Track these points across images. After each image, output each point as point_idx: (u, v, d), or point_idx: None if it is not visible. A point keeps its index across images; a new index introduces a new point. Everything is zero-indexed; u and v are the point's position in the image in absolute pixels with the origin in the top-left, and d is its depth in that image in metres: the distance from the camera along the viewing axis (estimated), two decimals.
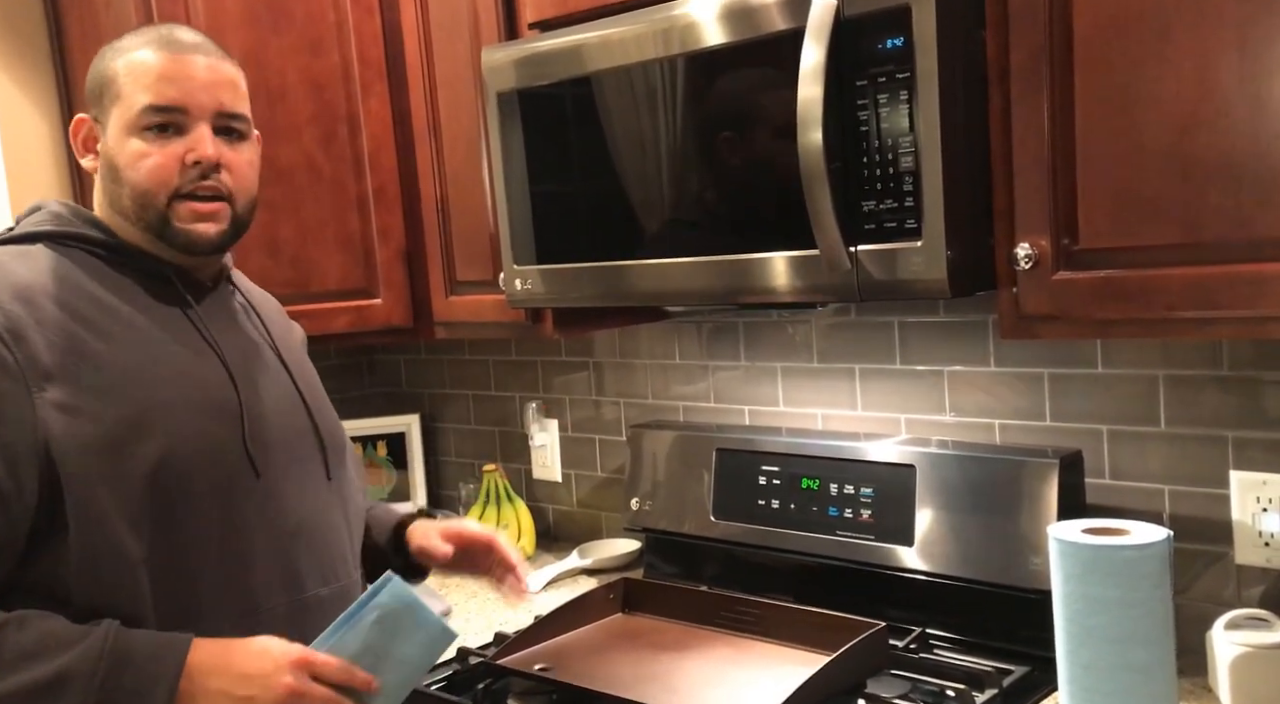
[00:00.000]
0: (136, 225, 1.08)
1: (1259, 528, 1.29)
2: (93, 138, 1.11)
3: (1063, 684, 1.00)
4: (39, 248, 1.06)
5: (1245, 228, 1.01)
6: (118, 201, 1.08)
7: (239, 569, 1.04)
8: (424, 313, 1.82)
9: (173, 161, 1.06)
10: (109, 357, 1.00)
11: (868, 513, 1.54)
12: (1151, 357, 1.37)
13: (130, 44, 1.09)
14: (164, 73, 1.06)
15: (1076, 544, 0.97)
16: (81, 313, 1.01)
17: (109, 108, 1.08)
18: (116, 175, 1.07)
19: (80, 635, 0.91)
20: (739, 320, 1.80)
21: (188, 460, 1.01)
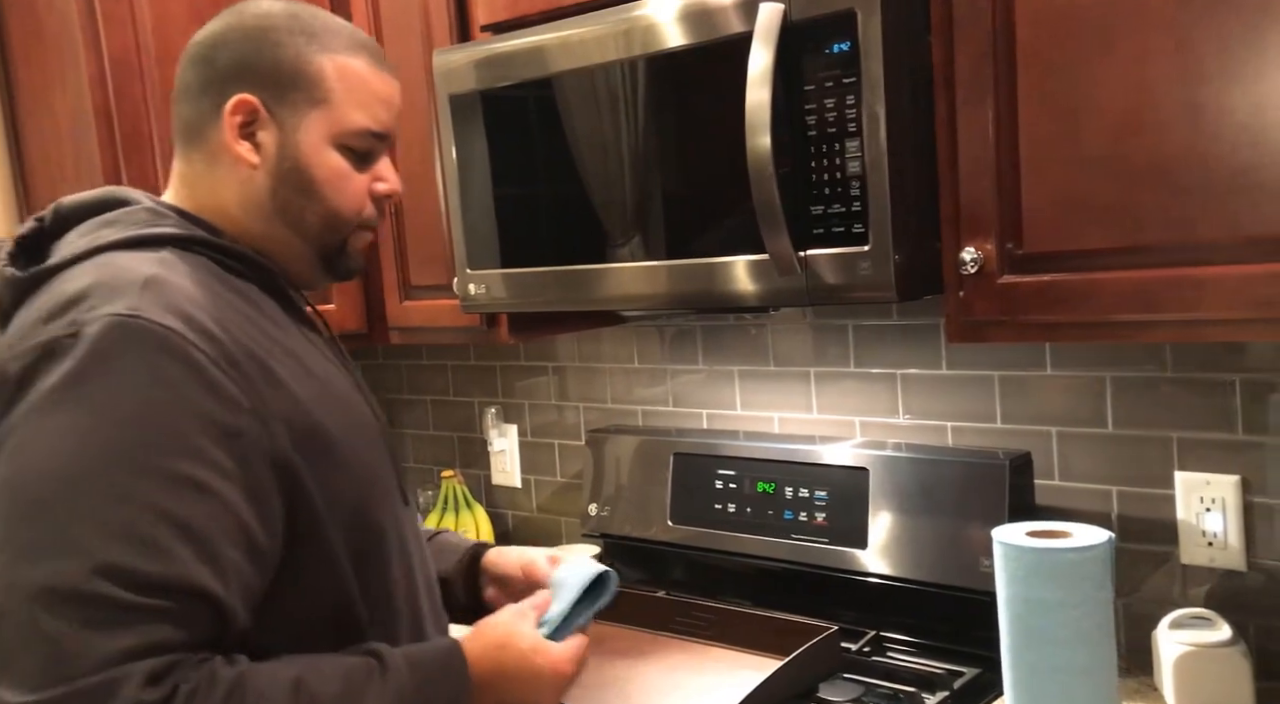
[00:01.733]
0: (305, 243, 0.97)
1: (1203, 528, 1.30)
2: (257, 127, 0.94)
3: (1007, 686, 1.00)
4: (169, 254, 0.90)
5: (1183, 231, 1.02)
6: (290, 211, 0.95)
7: (414, 605, 0.99)
8: (378, 317, 1.80)
9: (366, 188, 0.98)
10: (293, 386, 0.89)
11: (822, 516, 1.54)
12: (1099, 359, 1.38)
13: (333, 41, 0.96)
14: (381, 94, 0.98)
15: (1019, 547, 0.97)
16: (252, 335, 0.88)
17: (303, 106, 0.94)
18: (307, 186, 0.95)
19: (369, 670, 0.85)
20: (697, 324, 1.80)
21: (372, 494, 0.94)
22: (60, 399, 0.79)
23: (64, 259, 0.89)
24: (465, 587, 1.15)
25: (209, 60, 0.95)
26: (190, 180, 0.97)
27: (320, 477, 0.88)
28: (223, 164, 0.95)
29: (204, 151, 0.96)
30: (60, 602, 0.74)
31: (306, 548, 0.87)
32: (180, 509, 0.78)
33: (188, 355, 0.81)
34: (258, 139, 0.94)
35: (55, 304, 0.84)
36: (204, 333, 0.84)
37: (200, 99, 0.95)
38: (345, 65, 0.95)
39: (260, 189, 0.95)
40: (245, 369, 0.85)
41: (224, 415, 0.82)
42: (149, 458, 0.78)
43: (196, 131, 0.96)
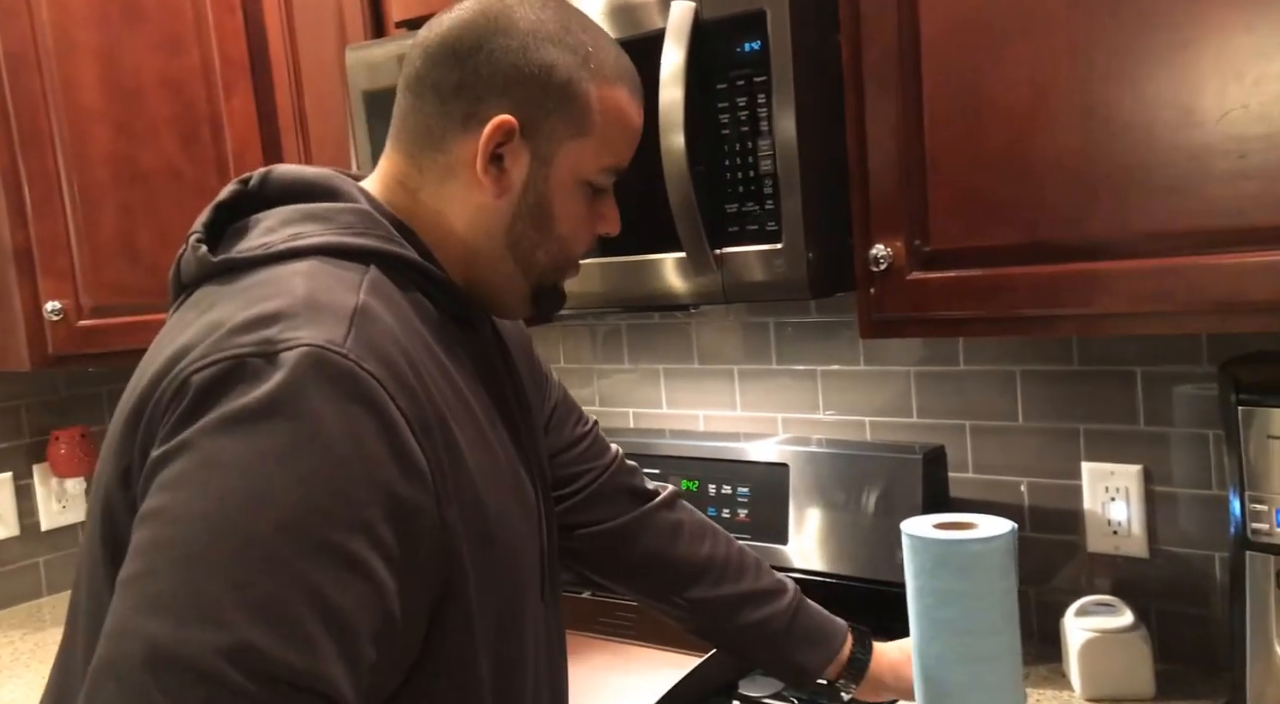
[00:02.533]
0: (527, 279, 0.85)
1: (1108, 517, 1.34)
2: (507, 150, 0.81)
3: (916, 676, 1.02)
4: (375, 274, 0.76)
5: (1079, 228, 1.05)
6: (523, 246, 0.84)
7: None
8: None
9: (594, 228, 0.88)
10: (470, 456, 0.76)
11: (744, 512, 1.55)
12: (1009, 353, 1.41)
13: (604, 65, 0.83)
14: (637, 130, 0.87)
15: (924, 538, 0.99)
16: (444, 391, 0.76)
17: (562, 135, 0.82)
18: (546, 223, 0.83)
19: None
20: (623, 323, 1.80)
21: (518, 587, 0.81)
22: (236, 431, 0.66)
23: (259, 254, 0.76)
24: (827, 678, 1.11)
25: (468, 63, 0.81)
26: (413, 186, 0.84)
27: (479, 570, 0.76)
28: (457, 181, 0.82)
29: (439, 162, 0.83)
30: (175, 673, 0.61)
31: (452, 648, 0.75)
32: (334, 593, 0.64)
33: (385, 412, 0.68)
34: (505, 164, 0.82)
35: (251, 315, 0.70)
36: (404, 387, 0.71)
37: (450, 102, 0.81)
38: (611, 96, 0.84)
39: (497, 221, 0.83)
40: (435, 437, 0.72)
41: (404, 489, 0.69)
42: (315, 525, 0.65)
43: (434, 137, 0.83)
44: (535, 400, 0.99)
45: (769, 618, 1.10)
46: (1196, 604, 1.30)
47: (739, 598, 1.10)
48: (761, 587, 1.12)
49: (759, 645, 1.11)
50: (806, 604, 1.14)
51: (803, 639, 1.11)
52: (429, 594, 0.72)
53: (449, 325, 0.82)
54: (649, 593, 1.12)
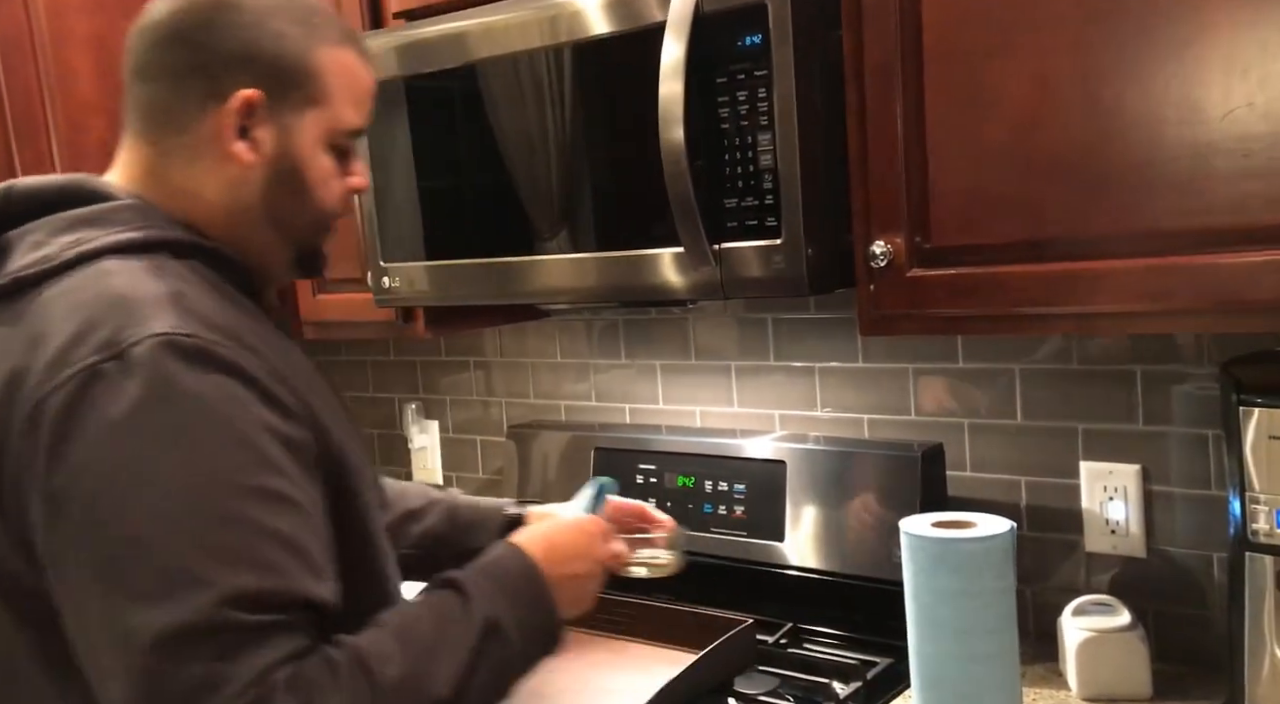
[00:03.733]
0: (288, 244, 0.92)
1: (1106, 516, 1.33)
2: (254, 123, 0.86)
3: (914, 675, 1.01)
4: (167, 261, 0.84)
5: (1080, 226, 1.04)
6: (281, 212, 0.90)
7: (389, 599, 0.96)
8: (291, 312, 1.76)
9: (345, 187, 0.94)
10: (308, 397, 0.85)
11: (741, 509, 1.55)
12: (1008, 351, 1.41)
13: (329, 32, 0.90)
14: (369, 89, 0.93)
15: (924, 537, 0.98)
16: (265, 343, 0.84)
17: (301, 105, 0.88)
18: (300, 187, 0.89)
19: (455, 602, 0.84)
20: (619, 318, 1.79)
21: (372, 499, 0.92)
22: (129, 430, 0.73)
23: (47, 268, 0.81)
24: None
25: (197, 43, 0.86)
26: (162, 172, 0.88)
27: (346, 483, 0.86)
28: (207, 158, 0.87)
29: (181, 142, 0.87)
30: (191, 642, 0.70)
31: (351, 548, 0.85)
32: (280, 524, 0.75)
33: (241, 369, 0.77)
34: (254, 136, 0.87)
35: (77, 326, 0.76)
36: (246, 348, 0.79)
37: (183, 83, 0.86)
38: (340, 59, 0.89)
39: (252, 189, 0.88)
40: (280, 377, 0.81)
41: (283, 426, 0.79)
42: (239, 477, 0.75)
43: (174, 118, 0.87)
44: None
45: (434, 523, 1.21)
46: (1194, 604, 1.30)
47: (405, 517, 1.21)
48: (419, 503, 1.23)
49: (438, 549, 1.19)
50: (459, 499, 1.26)
51: (467, 528, 1.21)
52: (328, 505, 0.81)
53: (242, 298, 0.88)
54: None
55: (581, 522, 0.99)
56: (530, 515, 1.25)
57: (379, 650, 0.78)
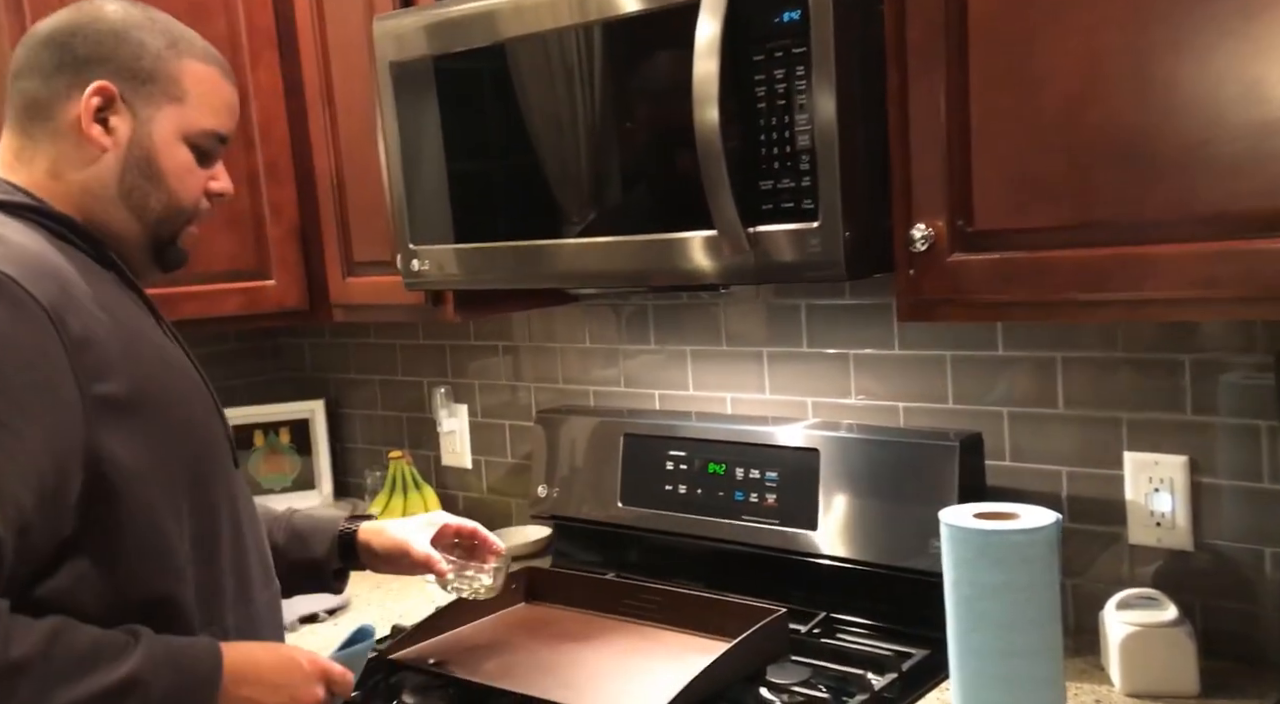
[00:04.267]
0: (143, 228, 1.01)
1: (1151, 508, 1.30)
2: (111, 112, 0.99)
3: (953, 669, 0.99)
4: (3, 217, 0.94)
5: (1133, 208, 1.00)
6: (135, 196, 1.00)
7: (240, 563, 1.03)
8: (320, 295, 1.75)
9: (204, 184, 1.05)
10: (121, 344, 0.92)
11: (773, 497, 1.52)
12: (1050, 339, 1.37)
13: (191, 48, 1.03)
14: (229, 103, 1.06)
15: (966, 529, 0.96)
16: (82, 290, 0.91)
17: (159, 100, 1.00)
18: (154, 174, 1.00)
19: (125, 642, 0.87)
20: (650, 303, 1.76)
21: (202, 455, 0.99)
22: None
23: None
24: (342, 565, 1.26)
25: (66, 45, 0.99)
26: (26, 156, 0.99)
27: (144, 437, 0.91)
28: (67, 141, 0.98)
29: (48, 129, 0.99)
30: None
31: (118, 501, 0.89)
32: None
33: (20, 301, 0.84)
34: (110, 124, 0.98)
35: None
36: (39, 284, 0.86)
37: (53, 77, 0.98)
38: (200, 70, 1.02)
39: (107, 171, 0.99)
40: (77, 326, 0.87)
41: (45, 364, 0.85)
42: None
43: (42, 109, 0.99)
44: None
45: (274, 535, 1.22)
46: (1244, 600, 1.26)
47: None
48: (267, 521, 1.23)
49: (276, 560, 1.18)
50: (300, 514, 1.29)
51: (305, 540, 1.25)
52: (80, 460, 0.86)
53: (87, 262, 0.95)
54: None
55: (304, 657, 0.98)
56: (364, 530, 1.28)
57: (21, 632, 0.81)
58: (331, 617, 1.63)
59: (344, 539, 1.26)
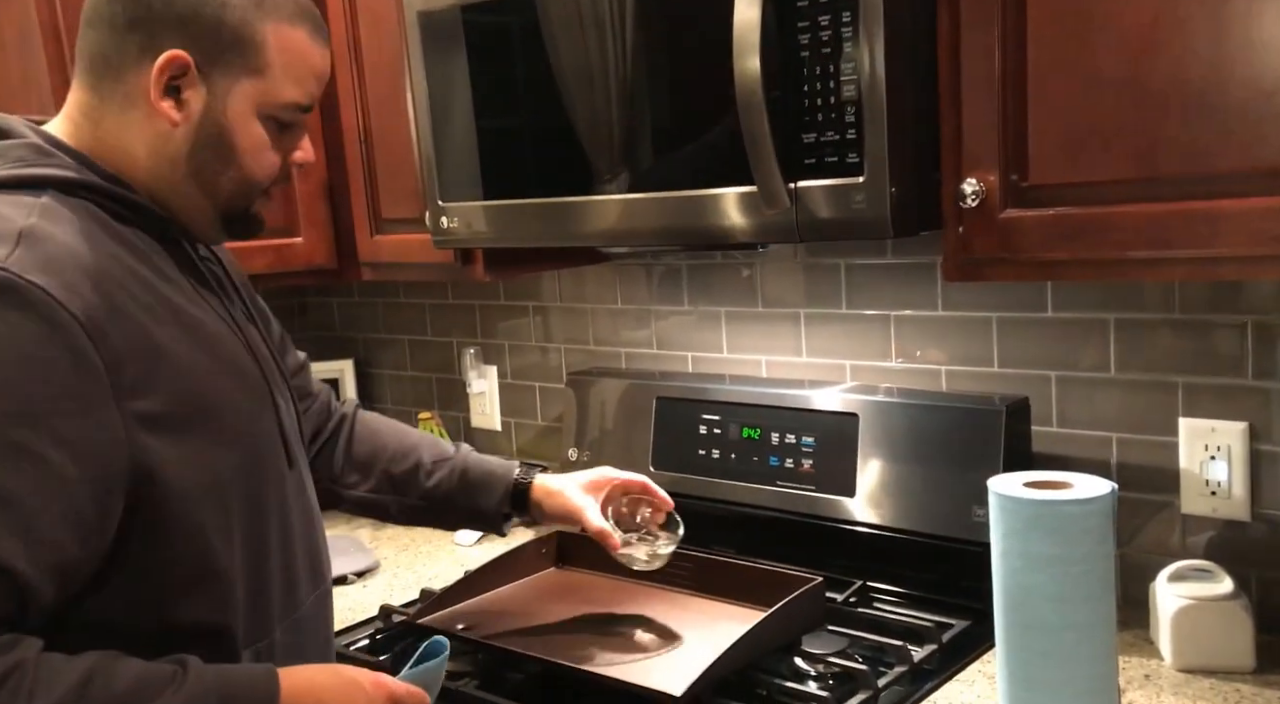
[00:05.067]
0: (213, 204, 0.93)
1: (1206, 476, 1.24)
2: (185, 83, 0.89)
3: (1000, 643, 0.95)
4: (50, 200, 0.85)
5: (1202, 161, 0.95)
6: (205, 173, 0.91)
7: (288, 569, 0.97)
8: (349, 253, 1.72)
9: (281, 159, 0.95)
10: (171, 348, 0.85)
11: (809, 463, 1.48)
12: (1102, 299, 1.31)
13: (279, 8, 0.91)
14: (317, 69, 0.94)
15: (1017, 499, 0.91)
16: (131, 291, 0.84)
17: (237, 72, 0.90)
18: (227, 152, 0.91)
19: (170, 675, 0.80)
20: (683, 263, 1.72)
21: (254, 461, 0.92)
22: None
23: None
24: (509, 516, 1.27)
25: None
26: (96, 116, 0.91)
27: (191, 453, 0.85)
28: (138, 108, 0.89)
29: (118, 91, 0.89)
30: None
31: (164, 522, 0.84)
32: (7, 480, 0.75)
33: (54, 316, 0.77)
34: (183, 96, 0.89)
35: None
36: (77, 294, 0.79)
37: (125, 35, 0.88)
38: (288, 36, 0.91)
39: (177, 146, 0.90)
40: (118, 338, 0.80)
41: (80, 385, 0.78)
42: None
43: (112, 67, 0.89)
44: (262, 321, 1.08)
45: (444, 479, 1.25)
46: None
47: (414, 469, 1.25)
48: (432, 458, 1.26)
49: (445, 505, 1.25)
50: (474, 458, 1.28)
51: (474, 488, 1.25)
52: (124, 480, 0.80)
53: (145, 241, 0.89)
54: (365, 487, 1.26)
55: (368, 680, 0.90)
56: (536, 488, 1.26)
57: (53, 677, 0.75)
58: (360, 579, 1.63)
59: (516, 491, 1.25)
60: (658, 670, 1.16)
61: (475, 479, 1.25)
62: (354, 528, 1.87)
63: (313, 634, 1.01)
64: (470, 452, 1.30)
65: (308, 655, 0.97)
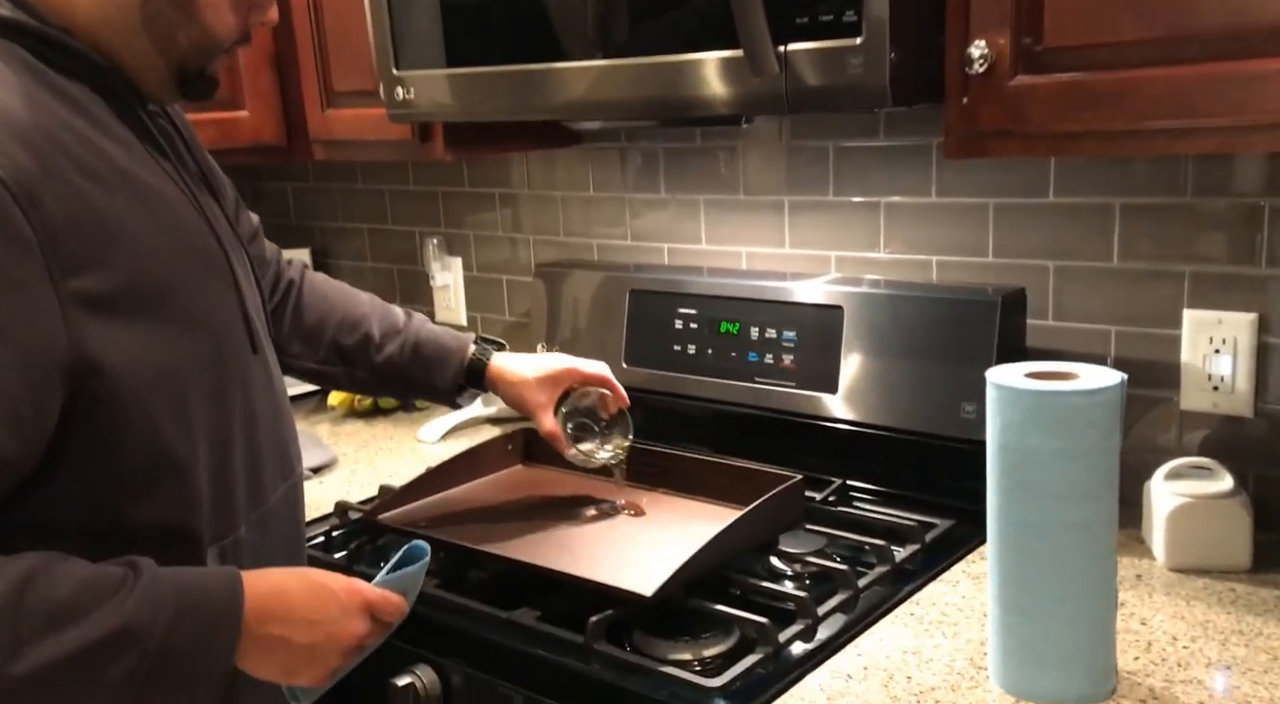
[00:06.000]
0: (166, 61, 0.83)
1: (1209, 370, 1.18)
2: None
3: (992, 542, 0.89)
4: None
5: (1238, 17, 0.85)
6: (159, 25, 0.82)
7: (253, 461, 0.89)
8: (298, 129, 1.60)
9: (243, 14, 0.87)
10: (119, 219, 0.75)
11: (789, 358, 1.41)
12: (1108, 182, 1.23)
13: None
14: None
15: (1018, 390, 0.84)
16: (70, 152, 0.74)
17: None
18: (187, 4, 0.82)
19: (117, 581, 0.72)
20: (660, 147, 1.61)
21: (215, 347, 0.83)
22: None
23: None
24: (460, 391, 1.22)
25: None
26: None
27: (141, 339, 0.76)
28: None
29: None
30: None
31: (112, 415, 0.75)
32: None
33: None
34: None
35: None
36: (3, 154, 0.69)
37: None
38: None
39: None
40: (54, 207, 0.71)
41: (7, 261, 0.69)
42: None
43: None
44: (216, 184, 0.98)
45: (395, 353, 1.19)
46: None
47: (364, 341, 1.19)
48: (385, 328, 1.20)
49: (396, 380, 1.20)
50: (426, 331, 1.22)
51: (426, 364, 1.20)
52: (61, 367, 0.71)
53: (85, 94, 0.79)
54: (313, 358, 1.19)
55: (340, 586, 0.83)
56: (493, 368, 1.21)
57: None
58: (316, 475, 1.55)
59: (472, 368, 1.21)
60: (628, 569, 1.10)
61: (428, 354, 1.20)
62: (312, 424, 1.79)
63: (281, 531, 0.93)
64: (423, 323, 1.23)
65: (275, 555, 0.90)
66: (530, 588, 1.12)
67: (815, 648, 1.01)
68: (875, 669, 0.96)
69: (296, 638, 0.79)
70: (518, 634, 1.06)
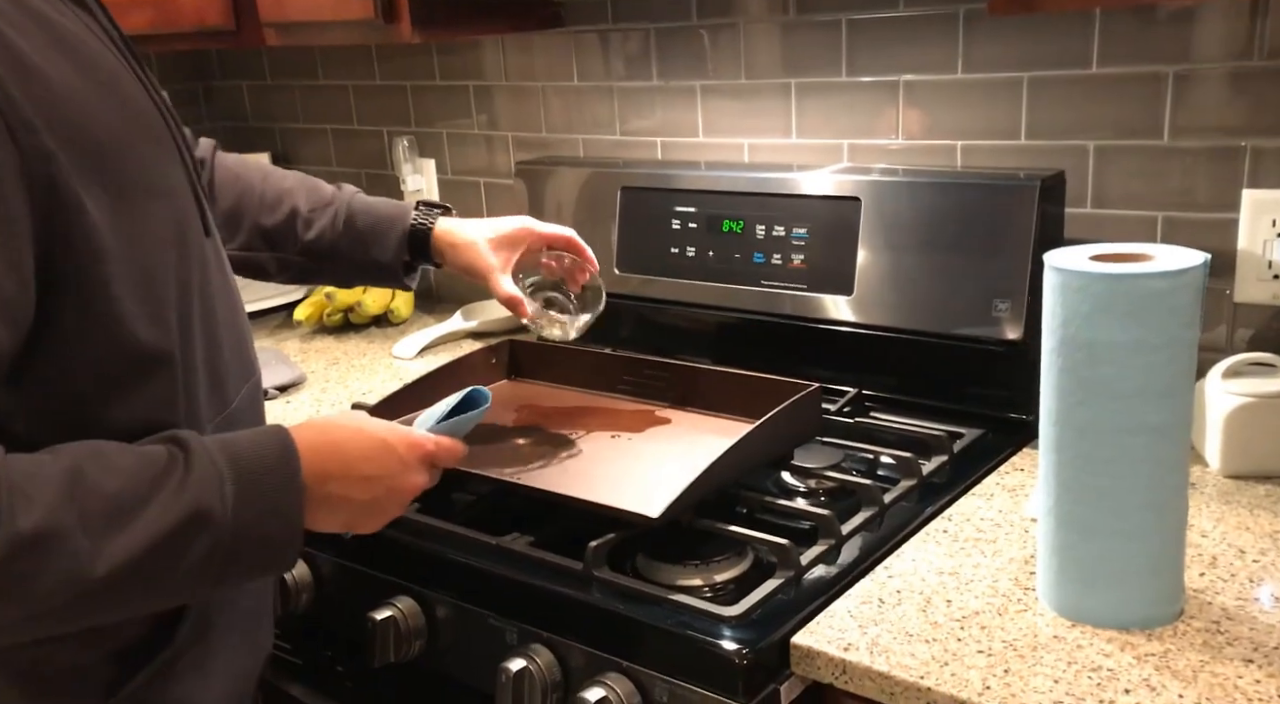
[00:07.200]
0: None
1: (1270, 257, 1.07)
2: None
3: (1046, 450, 0.79)
4: None
5: None
6: None
7: (215, 360, 0.79)
8: (248, 9, 1.43)
9: None
10: (45, 71, 0.65)
11: (800, 258, 1.28)
12: (1160, 48, 1.09)
13: None
14: None
15: (1087, 274, 0.73)
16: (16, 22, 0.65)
17: None
18: None
19: (166, 464, 0.66)
20: (650, 27, 1.45)
21: (168, 225, 0.73)
22: None
23: None
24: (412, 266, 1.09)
25: None
26: None
27: (100, 200, 0.66)
28: None
29: None
30: None
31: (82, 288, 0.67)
32: None
33: None
34: None
35: None
36: None
37: None
38: None
39: None
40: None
41: None
42: None
43: None
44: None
45: (326, 229, 1.07)
46: None
47: (290, 218, 1.07)
48: (312, 203, 1.08)
49: (331, 259, 1.07)
50: (359, 201, 1.09)
51: (366, 242, 1.07)
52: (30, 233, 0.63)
53: None
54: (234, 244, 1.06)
55: (399, 440, 0.78)
56: (439, 235, 1.08)
57: (26, 482, 0.60)
58: (283, 394, 1.43)
59: (415, 238, 1.07)
60: (630, 490, 0.99)
61: (364, 226, 1.07)
62: (279, 340, 1.66)
63: None
64: (356, 194, 1.11)
65: None
66: (521, 512, 1.02)
67: (840, 571, 0.91)
68: (910, 593, 0.86)
69: (357, 495, 0.76)
70: (509, 561, 0.95)
